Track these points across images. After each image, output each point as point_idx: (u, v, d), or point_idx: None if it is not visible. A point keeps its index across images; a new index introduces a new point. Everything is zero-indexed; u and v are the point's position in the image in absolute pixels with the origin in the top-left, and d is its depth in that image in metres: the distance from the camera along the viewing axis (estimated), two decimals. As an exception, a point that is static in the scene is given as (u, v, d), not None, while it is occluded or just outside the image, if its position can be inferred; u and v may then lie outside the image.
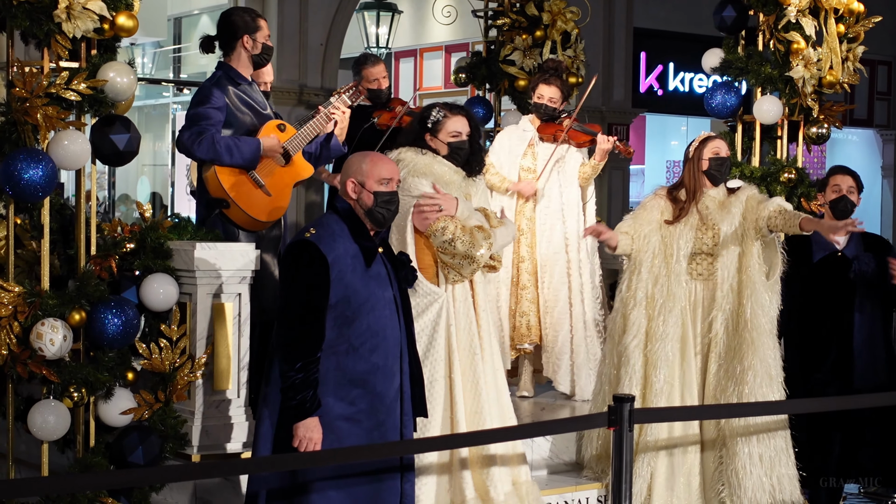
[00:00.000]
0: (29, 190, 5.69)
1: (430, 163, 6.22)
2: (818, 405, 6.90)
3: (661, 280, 6.87)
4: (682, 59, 18.02)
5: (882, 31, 10.72)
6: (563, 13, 9.45)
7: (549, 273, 8.05)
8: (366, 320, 5.22)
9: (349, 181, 5.32)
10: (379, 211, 5.31)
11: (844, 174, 7.39)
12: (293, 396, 5.07)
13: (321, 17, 13.34)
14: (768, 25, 8.35)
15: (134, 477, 5.43)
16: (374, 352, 5.25)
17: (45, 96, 5.78)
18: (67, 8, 5.75)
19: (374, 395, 5.26)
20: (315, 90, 13.04)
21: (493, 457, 6.16)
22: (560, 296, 8.04)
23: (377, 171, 5.32)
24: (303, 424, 5.10)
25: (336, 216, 5.31)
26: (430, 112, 6.32)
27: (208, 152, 6.63)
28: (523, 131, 8.20)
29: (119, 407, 6.02)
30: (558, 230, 8.07)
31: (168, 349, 6.17)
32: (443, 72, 17.13)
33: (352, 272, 5.19)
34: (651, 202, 7.06)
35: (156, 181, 19.40)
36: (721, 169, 6.95)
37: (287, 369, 5.07)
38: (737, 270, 6.85)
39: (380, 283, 5.29)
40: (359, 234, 5.28)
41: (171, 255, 6.25)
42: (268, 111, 6.99)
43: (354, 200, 5.32)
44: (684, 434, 6.85)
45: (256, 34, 6.93)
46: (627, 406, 5.36)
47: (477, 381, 6.16)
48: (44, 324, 5.73)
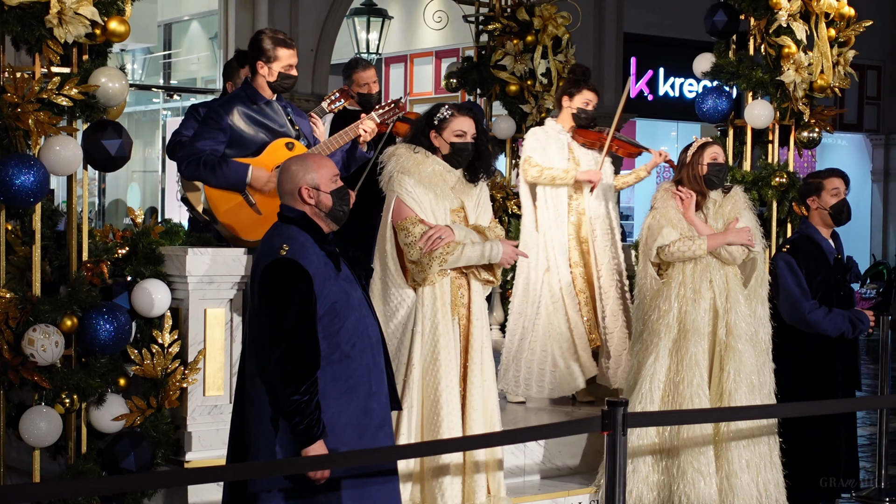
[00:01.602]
0: (20, 196, 5.67)
1: (420, 161, 6.19)
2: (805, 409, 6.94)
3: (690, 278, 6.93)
4: (673, 63, 18.08)
5: (872, 35, 10.75)
6: (553, 18, 9.47)
7: (606, 278, 8.05)
8: (350, 323, 5.17)
9: (303, 189, 5.20)
10: (339, 209, 5.25)
11: (842, 178, 7.42)
12: (301, 421, 4.97)
13: (311, 22, 13.37)
14: (759, 30, 8.36)
15: (126, 483, 5.42)
16: (363, 352, 5.20)
17: (37, 102, 5.76)
18: (59, 13, 5.74)
19: (371, 396, 5.22)
20: (305, 95, 13.06)
21: (477, 463, 6.17)
22: (611, 298, 8.05)
23: (326, 170, 5.24)
24: (313, 449, 5.00)
25: (294, 227, 5.20)
26: (439, 109, 6.29)
27: (193, 172, 6.59)
28: (558, 134, 8.16)
29: (111, 413, 6.00)
30: (609, 237, 8.10)
31: (160, 355, 6.16)
32: (433, 77, 17.16)
33: (329, 280, 5.12)
34: (665, 201, 7.09)
35: (146, 188, 19.38)
36: (720, 175, 7.00)
37: (291, 393, 4.96)
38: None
39: (350, 283, 5.25)
40: (321, 240, 5.20)
41: (163, 261, 6.24)
42: (285, 129, 6.88)
43: (312, 206, 5.22)
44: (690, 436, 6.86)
45: (273, 64, 6.76)
46: (621, 410, 5.35)
47: (470, 386, 6.17)
48: (35, 330, 5.71)
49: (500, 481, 6.28)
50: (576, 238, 8.07)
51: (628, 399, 6.52)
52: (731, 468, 6.78)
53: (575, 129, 8.13)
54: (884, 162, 21.07)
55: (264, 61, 6.75)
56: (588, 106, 8.09)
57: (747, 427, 6.83)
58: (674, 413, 6.71)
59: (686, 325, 6.83)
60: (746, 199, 7.14)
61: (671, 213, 6.96)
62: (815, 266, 7.28)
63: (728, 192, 7.09)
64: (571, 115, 8.11)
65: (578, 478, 7.31)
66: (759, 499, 6.81)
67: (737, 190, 7.15)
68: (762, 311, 7.03)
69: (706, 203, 7.02)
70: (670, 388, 6.85)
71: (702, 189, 7.00)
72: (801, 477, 7.15)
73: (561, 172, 7.95)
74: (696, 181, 6.99)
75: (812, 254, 7.33)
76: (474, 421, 6.17)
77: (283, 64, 6.78)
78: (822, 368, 7.28)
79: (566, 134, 8.12)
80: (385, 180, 6.25)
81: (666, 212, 6.98)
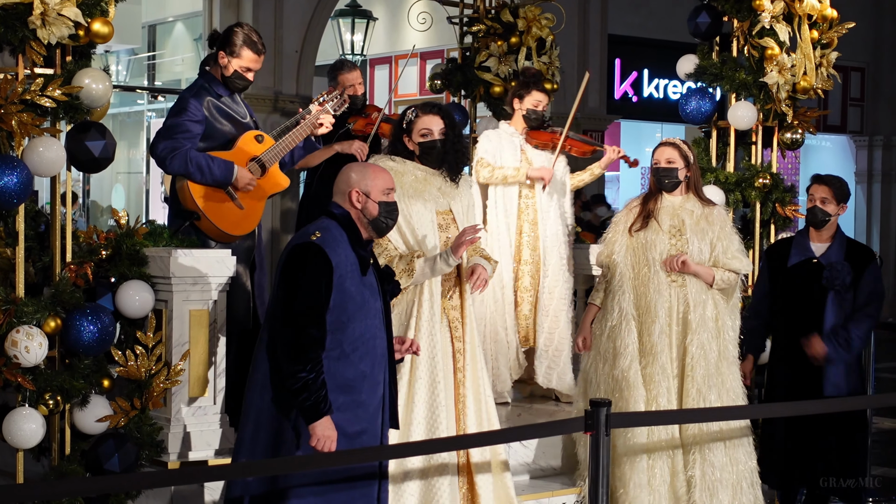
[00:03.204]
0: (4, 197, 5.65)
1: (399, 171, 6.15)
2: (789, 409, 6.95)
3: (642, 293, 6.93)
4: (657, 65, 18.11)
5: (855, 37, 10.78)
6: (538, 20, 9.47)
7: (552, 278, 8.07)
8: (359, 327, 5.25)
9: (353, 191, 5.34)
10: (383, 220, 5.39)
11: (818, 184, 7.40)
12: (308, 397, 5.09)
13: (296, 23, 13.34)
14: (742, 32, 8.39)
15: (110, 484, 5.42)
16: (363, 359, 5.28)
17: (20, 103, 5.74)
18: (42, 14, 5.72)
19: (358, 404, 5.28)
20: (290, 97, 13.04)
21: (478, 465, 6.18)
22: (555, 298, 8.06)
23: (381, 182, 5.39)
24: (320, 424, 5.11)
25: (335, 223, 5.33)
26: (406, 112, 6.31)
27: (180, 168, 6.60)
28: (510, 136, 8.20)
29: (95, 414, 5.99)
30: (561, 237, 8.11)
31: (144, 356, 6.15)
32: (418, 78, 17.16)
33: (350, 279, 5.23)
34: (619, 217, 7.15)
35: (130, 189, 19.35)
36: (660, 178, 7.01)
37: (298, 370, 5.08)
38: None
39: (372, 292, 5.35)
40: (356, 243, 5.33)
41: (147, 262, 6.23)
42: (248, 120, 6.93)
43: (358, 210, 5.36)
44: (663, 438, 6.87)
45: (233, 59, 6.79)
46: (604, 411, 5.37)
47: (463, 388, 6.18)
48: (19, 331, 5.70)
49: (508, 484, 6.32)
50: (531, 236, 8.10)
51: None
52: (704, 469, 6.83)
53: (527, 130, 8.18)
54: (867, 163, 21.12)
55: (227, 53, 6.77)
56: (538, 107, 8.15)
57: (718, 429, 6.90)
58: (656, 414, 6.72)
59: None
60: (729, 222, 7.17)
61: (618, 227, 7.05)
62: (775, 266, 7.37)
63: (710, 206, 7.08)
64: (522, 117, 8.17)
65: (563, 478, 7.33)
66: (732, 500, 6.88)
67: (720, 211, 7.13)
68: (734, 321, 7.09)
69: (663, 205, 7.02)
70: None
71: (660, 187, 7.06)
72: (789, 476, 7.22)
73: (512, 171, 8.02)
74: (653, 180, 7.09)
75: (776, 252, 7.45)
76: (469, 423, 6.18)
77: (243, 65, 6.79)
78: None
79: (519, 136, 8.18)
80: None
81: (615, 226, 7.07)
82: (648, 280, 6.89)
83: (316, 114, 6.97)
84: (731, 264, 6.95)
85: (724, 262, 6.93)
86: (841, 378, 7.17)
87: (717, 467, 6.82)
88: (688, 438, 6.87)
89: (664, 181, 6.98)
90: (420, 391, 6.07)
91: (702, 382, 6.82)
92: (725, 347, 6.94)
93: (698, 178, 7.10)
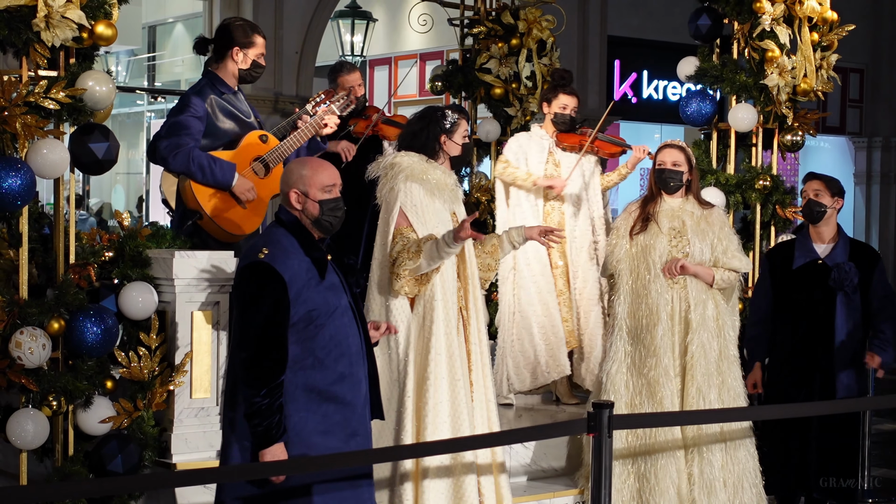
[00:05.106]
0: (7, 199, 5.67)
1: (426, 168, 6.14)
2: (789, 411, 6.97)
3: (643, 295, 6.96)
4: (656, 66, 18.11)
5: (854, 39, 10.81)
6: (538, 21, 9.48)
7: (581, 279, 8.07)
8: (328, 331, 5.13)
9: (292, 192, 5.19)
10: (326, 219, 5.20)
11: (810, 180, 7.43)
12: (259, 423, 4.98)
13: (296, 25, 13.37)
14: (743, 34, 8.41)
15: (113, 485, 5.42)
16: (339, 360, 5.16)
17: (24, 105, 5.76)
18: (46, 17, 5.74)
19: (345, 406, 5.18)
20: (290, 98, 13.06)
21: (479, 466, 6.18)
22: (593, 302, 8.08)
23: (319, 178, 5.20)
24: (269, 452, 5.00)
25: (283, 230, 5.18)
26: (444, 113, 6.23)
27: (182, 166, 6.62)
28: (540, 139, 8.18)
29: (98, 415, 6.01)
30: (589, 237, 8.11)
31: (147, 357, 6.16)
32: (417, 80, 17.16)
33: (308, 287, 5.08)
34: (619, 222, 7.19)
35: (131, 190, 19.36)
36: (666, 179, 7.04)
37: (252, 395, 4.97)
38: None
39: (335, 292, 5.19)
40: (309, 247, 5.16)
41: (150, 264, 6.24)
42: (251, 120, 6.95)
43: (300, 211, 5.20)
44: (666, 440, 6.89)
45: (248, 50, 6.85)
46: (606, 412, 5.38)
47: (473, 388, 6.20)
48: (23, 332, 5.71)
49: (503, 484, 6.32)
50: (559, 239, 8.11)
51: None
52: (706, 471, 6.85)
53: (557, 133, 8.17)
54: (866, 165, 21.12)
55: (241, 47, 6.79)
56: (565, 110, 8.13)
57: (718, 431, 6.93)
58: (659, 415, 6.74)
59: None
60: (728, 223, 7.21)
61: (619, 232, 7.09)
62: (778, 266, 7.41)
63: (709, 207, 7.12)
64: (551, 121, 8.16)
65: (564, 479, 7.33)
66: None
67: (719, 213, 7.18)
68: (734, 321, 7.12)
69: (663, 207, 7.05)
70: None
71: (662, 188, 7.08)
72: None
73: (523, 174, 8.01)
74: (655, 181, 7.10)
75: (779, 253, 7.47)
76: (477, 424, 6.19)
77: (258, 52, 6.85)
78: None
79: (549, 139, 8.16)
80: (386, 189, 6.17)
81: (616, 231, 7.13)
82: (649, 282, 6.92)
83: (321, 114, 6.99)
84: (731, 263, 6.98)
85: (724, 261, 6.97)
86: (852, 380, 7.21)
87: (715, 466, 6.84)
88: (688, 438, 6.90)
89: (669, 183, 7.01)
90: (442, 390, 6.02)
91: (702, 381, 6.85)
92: (726, 347, 6.98)
93: (697, 180, 7.16)
